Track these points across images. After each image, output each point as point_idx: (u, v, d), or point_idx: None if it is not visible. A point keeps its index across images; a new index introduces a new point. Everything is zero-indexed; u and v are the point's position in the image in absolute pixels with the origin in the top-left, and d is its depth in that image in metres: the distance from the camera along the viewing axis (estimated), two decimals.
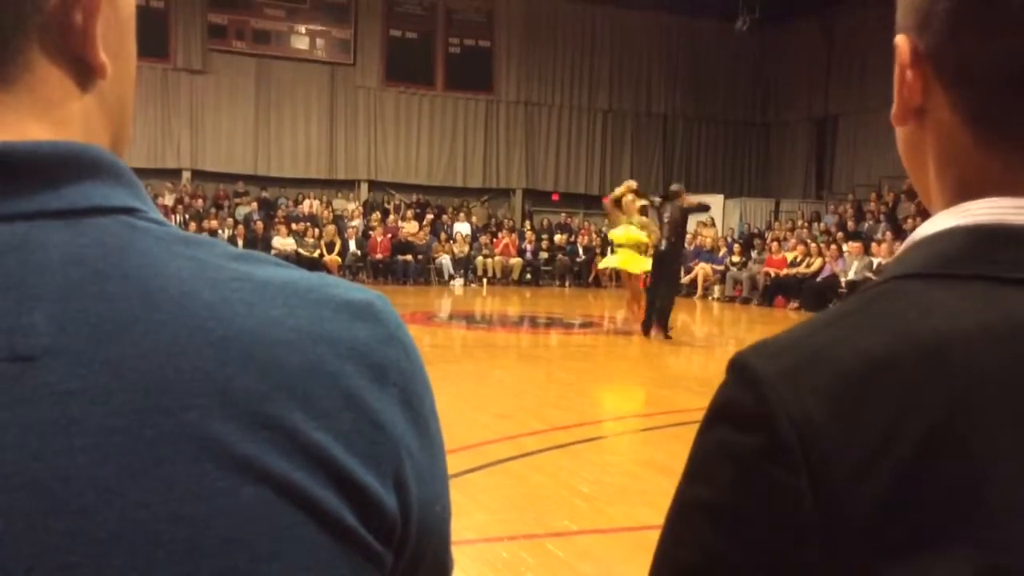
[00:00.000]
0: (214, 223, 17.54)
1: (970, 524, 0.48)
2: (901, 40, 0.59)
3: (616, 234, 10.98)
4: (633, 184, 11.15)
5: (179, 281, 0.44)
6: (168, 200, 18.21)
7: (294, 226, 17.86)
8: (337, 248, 17.70)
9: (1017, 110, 0.55)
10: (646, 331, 10.68)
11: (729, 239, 19.09)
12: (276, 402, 0.43)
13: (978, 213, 0.55)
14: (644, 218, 11.07)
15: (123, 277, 0.43)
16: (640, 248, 10.71)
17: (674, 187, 11.03)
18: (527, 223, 20.92)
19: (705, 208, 12.85)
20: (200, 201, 18.69)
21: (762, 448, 0.51)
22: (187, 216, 17.63)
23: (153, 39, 18.86)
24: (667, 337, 10.43)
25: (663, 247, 10.48)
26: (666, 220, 10.55)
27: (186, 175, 19.60)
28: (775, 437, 0.50)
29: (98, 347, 0.41)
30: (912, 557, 0.48)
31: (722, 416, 0.54)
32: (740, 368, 0.54)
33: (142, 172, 18.79)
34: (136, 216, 0.46)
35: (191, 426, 0.41)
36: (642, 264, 10.71)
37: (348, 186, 20.86)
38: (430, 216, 19.88)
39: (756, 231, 19.79)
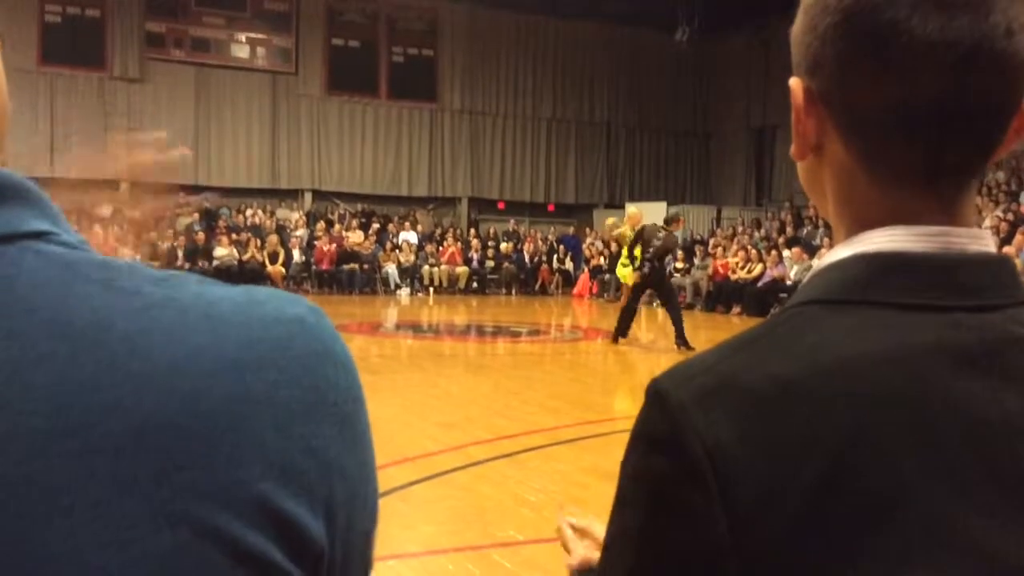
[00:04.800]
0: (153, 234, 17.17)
1: (876, 542, 0.50)
2: (795, 83, 0.62)
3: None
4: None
5: (90, 312, 0.41)
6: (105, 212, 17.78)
7: (236, 236, 17.59)
8: (281, 258, 17.47)
9: (902, 155, 0.58)
10: (616, 339, 10.70)
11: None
12: (199, 439, 0.41)
13: (876, 242, 0.58)
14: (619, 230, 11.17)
15: (29, 311, 0.40)
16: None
17: (672, 212, 10.87)
18: (472, 231, 20.91)
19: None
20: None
21: (676, 472, 0.53)
22: (126, 227, 17.21)
23: (89, 48, 18.46)
24: (690, 348, 9.95)
25: (646, 270, 10.31)
26: (657, 243, 10.28)
27: (123, 185, 19.13)
28: (687, 461, 0.52)
29: (1, 389, 0.39)
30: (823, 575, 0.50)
31: (639, 441, 0.56)
32: (655, 394, 0.55)
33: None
34: (48, 240, 0.43)
35: (103, 470, 0.39)
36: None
37: (291, 196, 20.62)
38: (375, 225, 19.75)
39: (698, 238, 20.07)
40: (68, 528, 0.38)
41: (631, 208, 11.70)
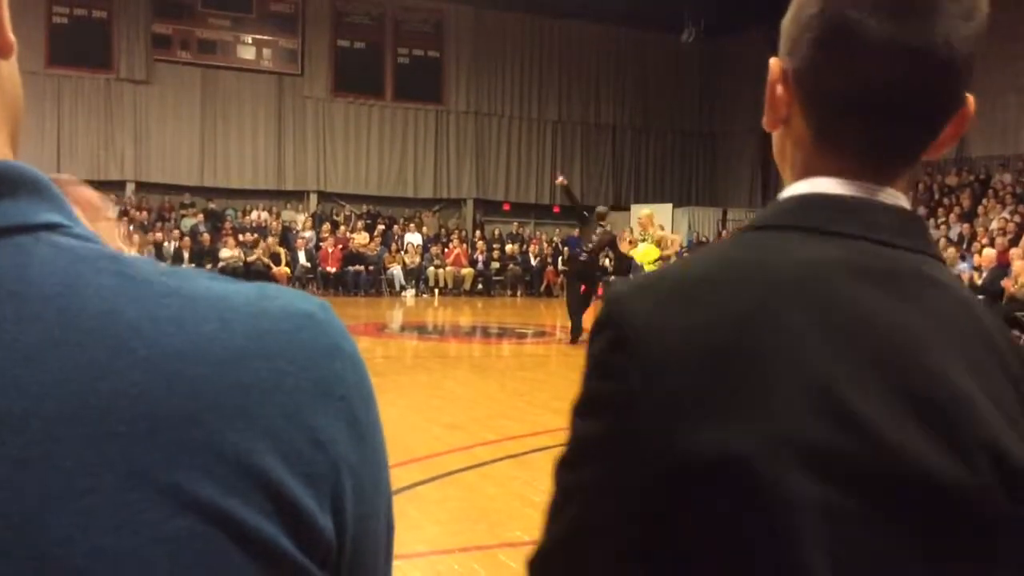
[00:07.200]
0: (159, 235, 17.23)
1: (756, 401, 0.60)
2: (774, 62, 0.73)
3: (637, 253, 11.83)
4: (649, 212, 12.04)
5: (101, 300, 0.42)
6: (112, 212, 17.82)
7: (242, 237, 17.60)
8: (284, 259, 17.46)
9: (847, 131, 0.69)
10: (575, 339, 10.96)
11: (679, 248, 19.32)
12: (208, 424, 0.41)
13: (803, 186, 0.70)
14: (660, 231, 11.89)
15: (41, 299, 0.41)
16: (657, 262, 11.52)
17: (601, 209, 11.61)
18: (478, 233, 20.92)
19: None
20: (145, 213, 18.35)
21: (609, 341, 0.65)
22: (131, 228, 17.27)
23: (96, 49, 18.51)
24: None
25: (583, 258, 11.00)
26: (596, 236, 10.98)
27: (130, 187, 19.22)
28: (619, 333, 0.65)
29: (13, 373, 0.39)
30: (713, 427, 0.60)
31: (592, 332, 0.68)
32: (608, 296, 0.69)
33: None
34: (60, 232, 0.44)
35: (114, 454, 0.39)
36: None
37: (297, 197, 20.64)
38: (381, 227, 19.77)
39: (704, 239, 20.06)
40: (79, 511, 0.38)
41: (643, 210, 12.09)
